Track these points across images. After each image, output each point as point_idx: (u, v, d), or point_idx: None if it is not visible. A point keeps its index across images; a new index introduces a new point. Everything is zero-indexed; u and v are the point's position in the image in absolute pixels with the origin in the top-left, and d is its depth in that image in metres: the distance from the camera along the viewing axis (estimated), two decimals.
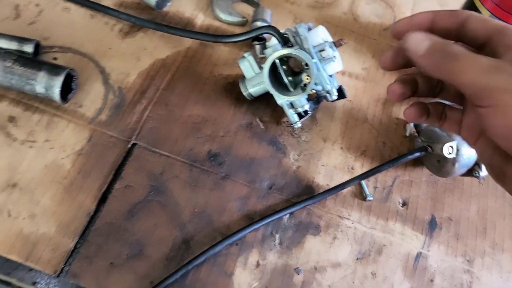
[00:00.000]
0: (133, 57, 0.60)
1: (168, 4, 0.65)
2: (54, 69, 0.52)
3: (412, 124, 0.59)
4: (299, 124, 0.55)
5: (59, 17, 0.61)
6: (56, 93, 0.52)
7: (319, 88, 0.54)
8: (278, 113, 0.59)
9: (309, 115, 0.56)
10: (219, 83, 0.60)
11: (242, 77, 0.57)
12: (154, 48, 0.61)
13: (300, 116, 0.56)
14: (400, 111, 0.62)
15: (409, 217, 0.55)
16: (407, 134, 0.60)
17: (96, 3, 0.62)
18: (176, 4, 0.66)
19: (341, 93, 0.57)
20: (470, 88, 0.33)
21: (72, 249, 0.48)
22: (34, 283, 0.46)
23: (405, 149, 0.59)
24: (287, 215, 0.53)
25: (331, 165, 0.57)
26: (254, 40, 0.59)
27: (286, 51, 0.50)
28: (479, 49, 0.34)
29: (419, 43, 0.34)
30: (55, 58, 0.58)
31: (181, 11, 0.66)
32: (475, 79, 0.32)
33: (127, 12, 0.62)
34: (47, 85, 0.51)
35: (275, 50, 0.52)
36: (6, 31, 0.56)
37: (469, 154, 0.52)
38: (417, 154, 0.53)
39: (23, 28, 0.59)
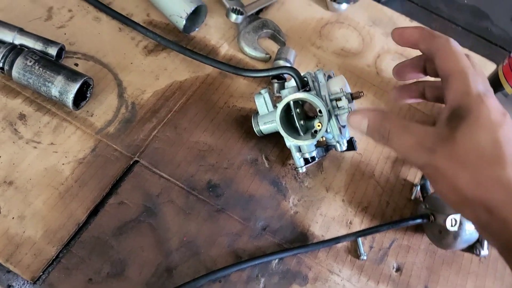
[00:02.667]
0: (152, 75, 0.60)
1: (196, 29, 0.66)
2: (72, 75, 0.53)
3: (418, 188, 0.58)
4: (304, 169, 0.55)
5: (88, 25, 0.63)
6: (69, 98, 0.52)
7: (330, 136, 0.54)
8: (285, 154, 0.58)
9: (315, 161, 0.56)
10: (231, 114, 0.60)
11: (256, 113, 0.57)
12: (174, 69, 0.62)
13: (307, 161, 0.55)
14: (409, 172, 0.61)
15: (402, 284, 0.53)
16: (412, 197, 0.58)
17: (126, 18, 0.63)
18: (204, 31, 0.67)
19: (351, 145, 0.56)
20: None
21: (54, 257, 0.47)
22: (9, 286, 0.45)
23: (408, 212, 0.57)
24: (276, 260, 0.51)
25: (329, 216, 0.55)
26: (274, 78, 0.59)
27: (301, 95, 0.50)
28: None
29: (359, 124, 0.41)
30: (76, 64, 0.59)
31: (208, 38, 0.66)
32: (407, 156, 0.37)
33: (154, 31, 0.63)
34: (63, 89, 0.52)
35: (291, 92, 0.52)
36: (34, 31, 0.57)
37: (472, 230, 0.51)
38: (419, 220, 0.52)
39: (52, 30, 0.61)
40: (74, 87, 0.52)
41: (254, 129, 0.57)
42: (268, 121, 0.55)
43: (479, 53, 0.77)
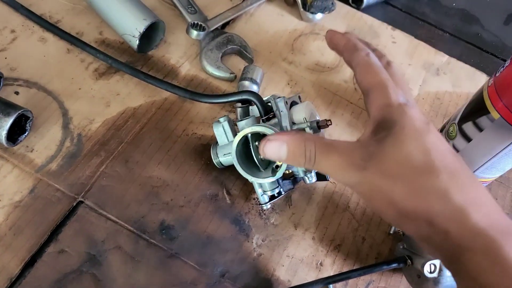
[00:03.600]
0: (102, 101, 0.55)
1: (154, 48, 0.60)
2: (5, 108, 0.47)
3: None
4: (268, 206, 0.49)
5: (32, 47, 0.57)
6: (2, 136, 0.47)
7: (295, 169, 0.48)
8: (249, 187, 0.53)
9: (282, 195, 0.50)
10: (190, 144, 0.54)
11: (215, 143, 0.51)
12: (127, 94, 0.56)
13: (272, 197, 0.49)
14: None
15: None
16: (391, 231, 0.53)
17: (75, 38, 0.57)
18: (163, 49, 0.61)
19: (322, 176, 0.50)
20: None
21: None
22: None
23: (386, 249, 0.52)
24: None
25: (297, 257, 0.50)
26: (238, 102, 0.53)
27: (257, 128, 0.44)
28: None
29: (277, 152, 0.38)
30: (16, 93, 0.53)
31: (167, 57, 0.61)
32: (337, 176, 0.37)
33: (107, 51, 0.57)
34: None
35: (248, 124, 0.46)
36: None
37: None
38: (394, 265, 0.46)
39: None
40: (7, 123, 0.46)
41: (214, 160, 0.51)
42: (228, 152, 0.50)
43: (469, 61, 0.71)
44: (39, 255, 0.45)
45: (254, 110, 0.53)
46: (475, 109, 0.48)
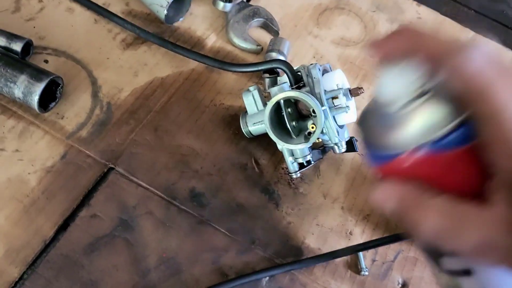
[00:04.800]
0: (130, 71, 0.55)
1: (180, 19, 0.60)
2: (37, 74, 0.47)
3: None
4: (298, 174, 0.49)
5: (60, 17, 0.57)
6: (34, 100, 0.47)
7: (326, 138, 0.48)
8: (277, 157, 0.52)
9: (311, 165, 0.50)
10: (218, 114, 0.54)
11: (244, 112, 0.51)
12: (155, 64, 0.56)
13: (301, 165, 0.49)
14: None
15: None
16: None
17: (102, 8, 0.57)
18: (189, 21, 0.61)
19: (351, 146, 0.50)
20: None
21: (17, 279, 0.42)
22: None
23: None
24: (267, 278, 0.46)
25: (327, 226, 0.50)
26: (265, 72, 0.53)
27: (291, 93, 0.44)
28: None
29: (386, 200, 0.28)
30: (46, 61, 0.53)
31: (193, 29, 0.60)
32: (475, 259, 0.26)
33: (133, 22, 0.57)
34: (26, 90, 0.47)
35: (281, 90, 0.46)
36: (1, 25, 0.52)
37: None
38: None
39: (20, 23, 0.55)
40: (39, 88, 0.47)
41: (243, 130, 0.51)
42: (258, 121, 0.50)
43: (494, 39, 0.70)
44: (72, 219, 0.45)
45: (282, 80, 0.53)
46: None
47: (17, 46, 0.50)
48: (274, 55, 0.57)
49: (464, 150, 0.25)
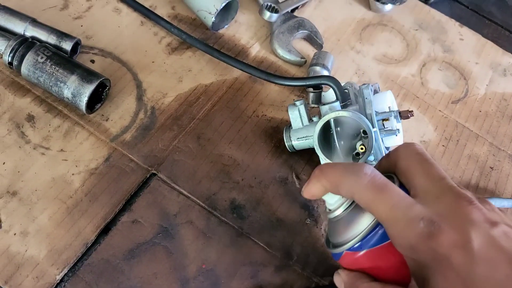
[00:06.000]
0: (175, 76, 0.55)
1: (225, 26, 0.60)
2: (87, 75, 0.47)
3: None
4: None
5: (107, 17, 0.57)
6: (83, 101, 0.47)
7: (371, 158, 0.47)
8: None
9: None
10: (260, 125, 0.54)
11: (288, 126, 0.51)
12: (199, 71, 0.56)
13: None
14: None
15: None
16: None
17: (149, 10, 0.57)
18: (234, 28, 0.60)
19: None
20: None
21: (58, 282, 0.42)
22: None
23: None
24: None
25: None
26: (310, 87, 0.52)
27: (345, 113, 0.44)
28: None
29: (338, 283, 0.36)
30: (92, 61, 0.53)
31: (238, 37, 0.60)
32: None
33: (179, 27, 0.56)
34: (76, 91, 0.46)
35: (332, 108, 0.45)
36: (48, 21, 0.52)
37: None
38: None
39: (68, 21, 0.55)
40: (88, 89, 0.46)
41: (286, 143, 0.51)
42: (302, 136, 0.49)
43: None
44: (113, 223, 0.45)
45: (326, 96, 0.52)
46: None
47: (67, 45, 0.50)
48: (318, 69, 0.57)
49: (387, 245, 0.33)
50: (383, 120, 0.46)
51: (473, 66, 0.67)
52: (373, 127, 0.44)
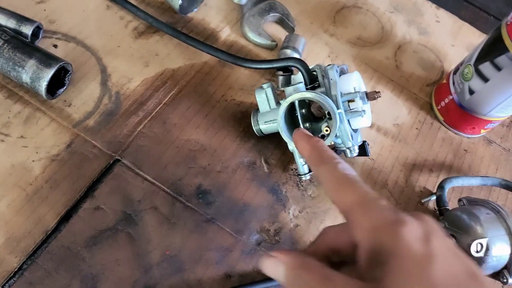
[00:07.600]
0: (141, 61, 0.53)
1: (195, 10, 0.59)
2: (46, 59, 0.46)
3: (434, 198, 0.51)
4: (308, 177, 0.48)
5: (72, 1, 0.55)
6: (42, 86, 0.45)
7: (339, 141, 0.47)
8: (287, 157, 0.51)
9: None
10: (229, 109, 0.53)
11: (256, 110, 0.50)
12: (166, 55, 0.54)
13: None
14: (427, 182, 0.54)
15: None
16: (423, 201, 0.52)
17: None
18: (203, 12, 0.59)
19: (363, 151, 0.49)
20: None
21: (16, 269, 0.41)
22: None
23: None
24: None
25: None
26: (279, 70, 0.51)
27: (308, 94, 0.43)
28: None
29: (274, 270, 0.30)
30: (55, 46, 0.52)
31: (207, 21, 0.59)
32: None
33: (146, 11, 0.55)
34: (35, 76, 0.45)
35: (296, 90, 0.44)
36: (10, 6, 0.50)
37: (499, 256, 0.44)
38: None
39: (31, 5, 0.54)
40: (47, 74, 0.45)
41: (254, 128, 0.50)
42: (270, 120, 0.48)
43: None
44: (75, 210, 0.44)
45: (296, 79, 0.51)
46: (493, 49, 0.48)
47: (27, 30, 0.49)
48: (289, 52, 0.56)
49: None
50: (348, 101, 0.45)
51: (449, 48, 0.66)
52: (338, 108, 0.43)
